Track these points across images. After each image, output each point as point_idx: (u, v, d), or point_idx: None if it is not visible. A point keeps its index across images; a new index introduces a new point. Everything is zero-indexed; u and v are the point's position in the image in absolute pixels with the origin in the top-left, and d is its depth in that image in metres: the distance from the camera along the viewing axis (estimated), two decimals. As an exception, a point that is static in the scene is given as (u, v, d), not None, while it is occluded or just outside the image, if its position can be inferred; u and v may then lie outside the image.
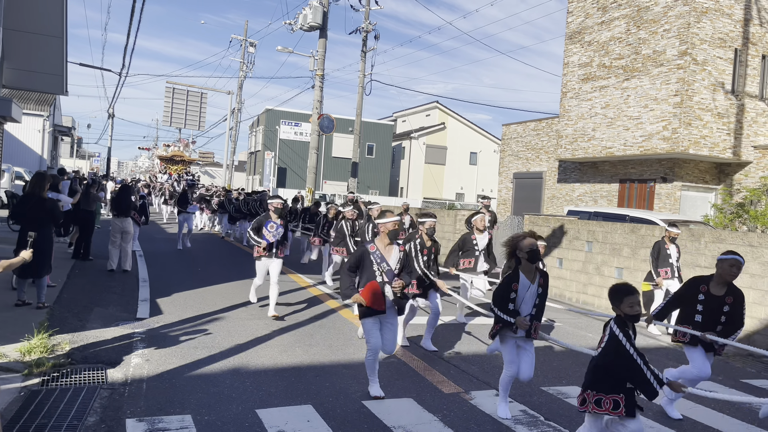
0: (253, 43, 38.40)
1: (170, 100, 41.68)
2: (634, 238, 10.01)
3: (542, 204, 20.95)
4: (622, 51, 16.51)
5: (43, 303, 7.04)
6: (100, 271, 10.31)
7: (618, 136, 16.50)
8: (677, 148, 14.75)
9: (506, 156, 23.29)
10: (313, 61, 22.53)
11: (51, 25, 10.98)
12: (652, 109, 15.47)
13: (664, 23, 15.25)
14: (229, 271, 11.41)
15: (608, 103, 16.90)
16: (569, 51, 18.45)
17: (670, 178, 16.14)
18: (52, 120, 32.56)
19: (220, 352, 5.98)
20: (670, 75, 15.02)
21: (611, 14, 16.91)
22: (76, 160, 69.31)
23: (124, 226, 10.36)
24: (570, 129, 18.25)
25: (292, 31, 22.21)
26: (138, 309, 7.60)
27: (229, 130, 39.11)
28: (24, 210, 7.04)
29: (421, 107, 46.89)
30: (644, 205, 16.77)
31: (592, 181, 18.82)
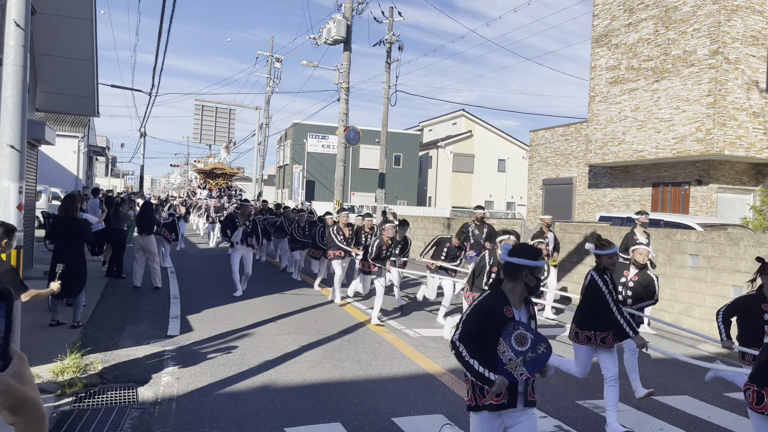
0: (279, 58, 38.87)
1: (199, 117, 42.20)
2: (669, 244, 9.74)
3: (573, 210, 20.61)
4: (650, 52, 16.20)
5: (78, 322, 7.14)
6: (132, 288, 10.44)
7: (649, 139, 16.16)
8: (712, 149, 14.37)
9: (535, 162, 23.01)
10: (338, 74, 22.65)
11: (82, 49, 11.26)
12: (684, 110, 15.12)
13: (694, 23, 14.93)
14: (258, 286, 11.45)
15: (638, 105, 16.58)
16: (596, 54, 18.19)
17: (705, 181, 15.72)
18: (87, 141, 33.38)
19: (248, 369, 5.97)
20: (701, 75, 14.67)
21: (638, 15, 16.63)
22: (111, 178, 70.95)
23: (145, 244, 10.49)
24: (599, 133, 17.95)
25: (316, 45, 22.39)
26: (169, 326, 7.66)
27: (257, 145, 39.55)
28: (58, 231, 7.18)
29: (447, 116, 46.78)
30: (679, 209, 16.36)
31: (624, 185, 18.45)
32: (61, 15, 10.58)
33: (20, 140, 4.81)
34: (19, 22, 4.82)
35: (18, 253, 4.79)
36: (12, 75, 4.79)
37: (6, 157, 4.73)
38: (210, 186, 37.92)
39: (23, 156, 4.87)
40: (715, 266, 8.74)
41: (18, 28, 4.82)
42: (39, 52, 11.04)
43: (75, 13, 10.63)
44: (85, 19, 10.90)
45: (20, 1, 4.86)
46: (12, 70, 4.79)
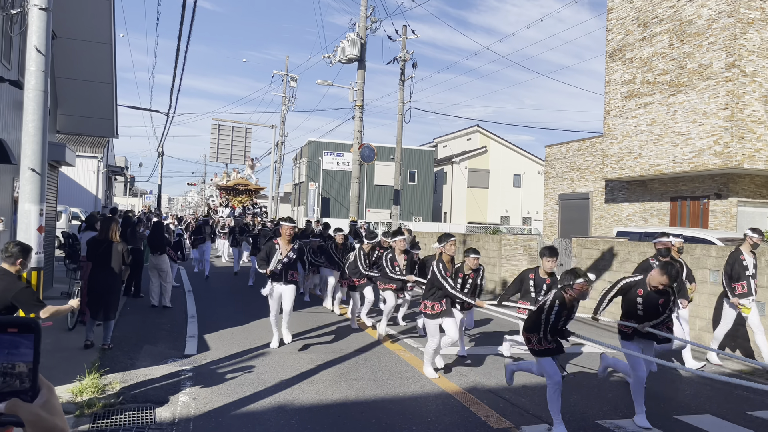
0: (294, 77, 39.30)
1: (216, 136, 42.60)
2: (689, 259, 9.60)
3: (590, 225, 20.45)
4: (665, 66, 16.13)
5: (109, 345, 7.18)
6: (149, 308, 10.51)
7: (666, 153, 16.03)
8: (730, 162, 14.21)
9: (550, 177, 22.91)
10: (353, 92, 22.82)
11: (101, 72, 11.49)
12: (701, 123, 14.99)
13: (709, 36, 14.85)
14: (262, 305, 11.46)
15: (654, 119, 16.48)
16: (610, 69, 18.15)
17: (724, 194, 15.53)
18: (106, 161, 33.88)
19: (265, 389, 5.96)
20: (718, 88, 14.56)
21: (652, 30, 16.59)
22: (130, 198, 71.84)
23: (157, 263, 10.59)
24: (615, 147, 17.84)
25: (331, 64, 22.60)
26: (186, 345, 7.69)
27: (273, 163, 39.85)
28: (95, 254, 7.24)
29: (461, 131, 46.85)
30: (698, 223, 16.16)
31: (641, 200, 18.29)
32: (81, 39, 10.82)
33: (41, 164, 4.90)
34: (39, 48, 4.93)
35: (38, 275, 4.85)
36: (33, 100, 4.89)
37: (27, 180, 4.81)
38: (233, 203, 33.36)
39: (44, 179, 4.95)
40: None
41: (39, 54, 4.93)
42: (59, 75, 11.27)
43: (95, 37, 10.86)
44: (104, 42, 11.14)
45: (41, 27, 4.97)
46: (33, 95, 4.89)
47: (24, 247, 4.33)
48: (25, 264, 4.41)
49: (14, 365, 0.98)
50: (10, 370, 0.98)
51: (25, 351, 0.99)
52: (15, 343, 0.99)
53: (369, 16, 22.04)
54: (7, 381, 0.98)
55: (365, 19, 21.81)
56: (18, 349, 0.99)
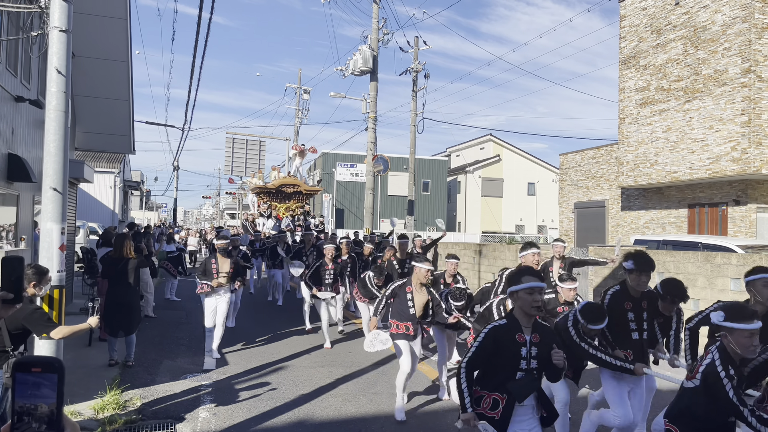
0: (307, 90, 39.64)
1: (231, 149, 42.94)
2: (709, 267, 9.49)
3: (606, 233, 20.28)
4: (680, 72, 16.02)
5: (132, 361, 7.20)
6: (168, 322, 10.57)
7: (683, 160, 15.89)
8: (749, 168, 14.05)
9: (565, 186, 22.79)
10: (365, 104, 22.91)
11: (118, 89, 11.64)
12: (718, 129, 14.85)
13: (724, 42, 14.75)
14: (291, 319, 11.47)
15: (669, 126, 16.36)
16: (624, 76, 18.06)
17: (743, 201, 15.34)
18: (123, 176, 34.30)
19: (284, 404, 5.95)
20: (734, 94, 14.43)
21: (666, 36, 16.50)
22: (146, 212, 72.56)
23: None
24: (631, 155, 17.72)
25: (344, 76, 22.74)
26: (204, 361, 7.71)
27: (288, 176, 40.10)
28: (111, 272, 7.28)
29: (474, 140, 46.81)
30: (717, 230, 15.96)
31: (658, 207, 18.12)
32: (98, 58, 10.98)
33: (62, 183, 4.96)
34: (60, 69, 5.01)
35: (60, 293, 4.90)
36: (54, 120, 4.97)
37: (49, 199, 4.87)
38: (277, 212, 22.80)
39: (65, 198, 5.01)
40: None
41: (59, 75, 5.01)
42: (77, 93, 11.44)
43: (111, 56, 11.01)
44: (121, 60, 11.29)
45: (61, 49, 5.05)
46: (54, 115, 4.97)
47: (40, 269, 4.33)
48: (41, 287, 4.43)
49: (37, 406, 0.98)
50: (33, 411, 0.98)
51: (48, 392, 0.99)
52: (38, 383, 0.99)
53: (381, 29, 22.17)
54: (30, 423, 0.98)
55: (377, 32, 21.94)
56: (41, 389, 0.99)
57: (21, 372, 1.00)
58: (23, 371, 1.01)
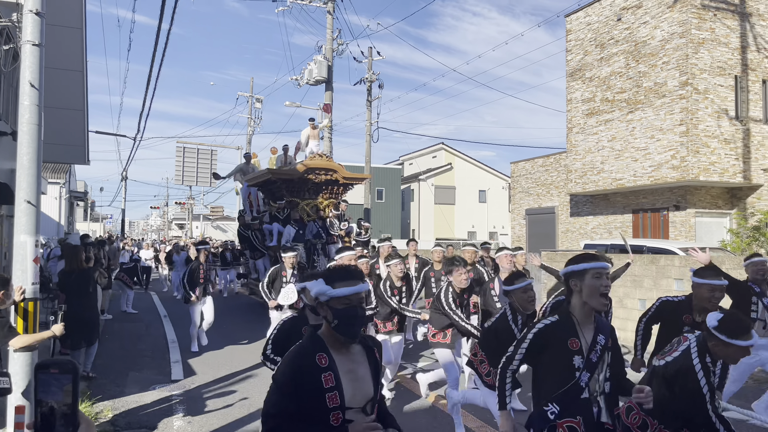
0: (260, 98, 39.42)
1: (181, 158, 42.28)
2: (654, 269, 10.07)
3: (557, 239, 21.01)
4: (623, 85, 16.86)
5: (89, 372, 7.14)
6: (129, 334, 10.46)
7: (627, 168, 16.70)
8: (687, 175, 14.90)
9: (517, 193, 23.49)
10: (321, 113, 23.08)
11: (73, 99, 11.47)
12: (659, 139, 15.70)
13: (663, 56, 15.62)
14: (254, 326, 11.50)
15: (614, 135, 17.16)
16: (571, 88, 18.84)
17: (682, 206, 16.24)
18: (68, 187, 33.29)
19: (258, 410, 6.03)
20: (673, 105, 15.30)
21: (609, 50, 17.34)
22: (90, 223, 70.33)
23: None
24: (579, 163, 18.48)
25: (299, 86, 22.82)
26: (172, 371, 7.71)
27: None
28: (67, 284, 7.20)
29: (427, 149, 47.50)
30: (659, 234, 16.82)
31: (605, 213, 18.93)
32: (53, 67, 10.79)
33: (36, 195, 4.97)
34: (33, 83, 5.05)
35: (35, 305, 4.90)
36: (27, 133, 4.99)
37: (23, 212, 4.88)
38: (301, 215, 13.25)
39: (39, 210, 5.02)
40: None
41: (33, 89, 5.04)
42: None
43: (67, 65, 10.86)
44: (76, 70, 11.15)
45: (34, 62, 5.09)
46: (27, 128, 4.99)
47: (2, 278, 4.35)
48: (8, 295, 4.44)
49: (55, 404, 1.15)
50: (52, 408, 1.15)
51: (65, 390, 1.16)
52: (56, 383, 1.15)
53: (335, 39, 22.40)
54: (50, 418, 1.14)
55: (332, 42, 22.15)
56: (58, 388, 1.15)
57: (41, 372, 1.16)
58: (43, 372, 1.17)
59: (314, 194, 13.32)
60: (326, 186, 13.28)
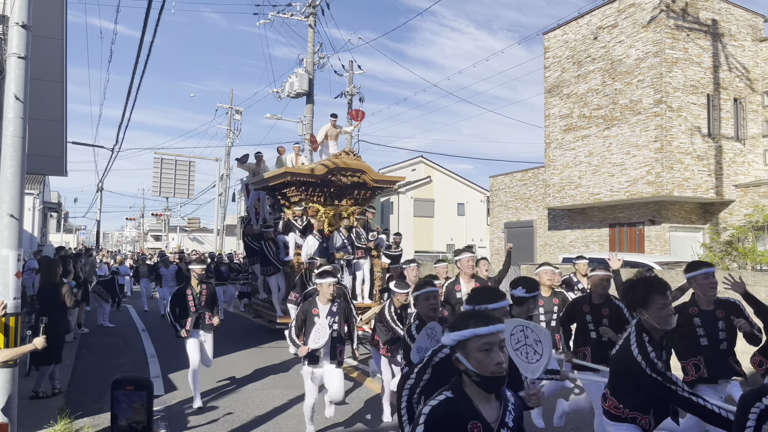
0: (239, 110, 39.41)
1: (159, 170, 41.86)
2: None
3: (535, 252, 21.24)
4: (600, 101, 17.20)
5: (59, 389, 7.03)
6: (106, 348, 10.31)
7: (604, 183, 16.99)
8: (662, 191, 15.22)
9: (496, 206, 23.72)
10: (302, 126, 23.12)
11: (52, 110, 11.35)
12: (635, 155, 16.03)
13: (638, 74, 15.99)
14: (235, 339, 11.42)
15: (591, 151, 17.47)
16: (549, 104, 19.16)
17: (657, 221, 16.56)
18: (42, 197, 32.73)
19: (241, 426, 6.03)
20: (648, 122, 15.65)
21: (586, 68, 17.70)
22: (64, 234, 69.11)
23: None
24: (556, 178, 18.76)
25: (279, 98, 22.87)
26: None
27: (218, 196, 39.50)
28: (41, 298, 7.11)
29: (406, 162, 47.73)
30: (635, 248, 17.11)
31: (582, 227, 19.21)
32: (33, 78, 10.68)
33: (19, 209, 4.93)
34: (18, 96, 5.02)
35: (16, 320, 4.84)
36: (11, 146, 4.95)
37: (5, 225, 4.83)
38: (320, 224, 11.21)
39: (22, 224, 4.98)
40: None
41: (18, 101, 5.01)
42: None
43: (47, 76, 10.75)
44: (56, 81, 11.05)
45: (19, 75, 5.07)
46: (11, 141, 4.95)
47: None
48: None
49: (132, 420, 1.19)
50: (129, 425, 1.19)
51: (140, 407, 1.20)
52: (131, 399, 1.19)
53: (316, 52, 22.52)
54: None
55: (313, 55, 22.26)
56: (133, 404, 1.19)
57: (117, 390, 1.20)
58: (119, 389, 1.20)
59: (337, 199, 11.75)
60: (352, 190, 11.68)
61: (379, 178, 11.92)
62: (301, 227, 11.08)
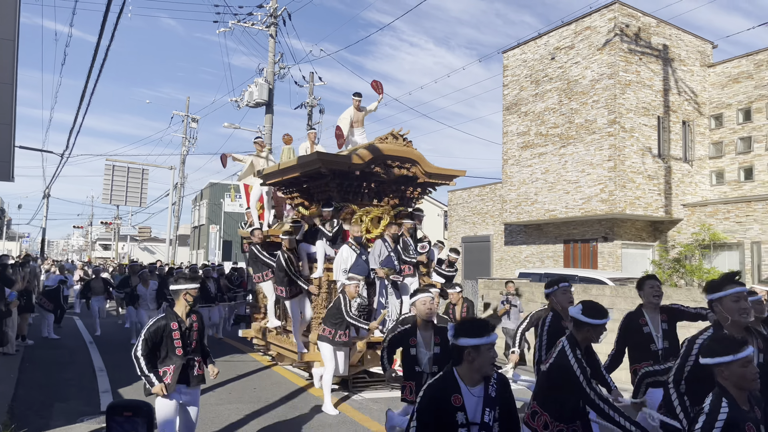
0: (196, 118, 38.73)
1: (110, 177, 40.62)
2: (586, 298, 10.44)
3: (491, 267, 21.50)
4: (556, 120, 17.62)
5: None
6: (52, 362, 9.87)
7: (559, 200, 17.37)
8: (615, 209, 15.65)
9: (454, 221, 23.94)
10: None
11: (1, 113, 10.89)
12: (589, 173, 16.45)
13: (593, 95, 16.47)
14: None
15: (548, 168, 17.85)
16: (507, 121, 19.52)
17: (610, 237, 17.00)
18: (-15, 202, 31.35)
19: (196, 442, 5.82)
20: (602, 142, 16.11)
21: (544, 87, 18.12)
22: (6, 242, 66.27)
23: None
24: (513, 194, 19.07)
25: (238, 108, 22.58)
26: (101, 401, 7.34)
27: (171, 205, 38.62)
28: None
29: (364, 175, 47.84)
30: (588, 263, 17.51)
31: (537, 242, 19.55)
32: (-20, 78, 10.25)
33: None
34: (-32, 96, 4.77)
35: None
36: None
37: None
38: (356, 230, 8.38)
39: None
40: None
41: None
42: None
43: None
44: (5, 83, 10.61)
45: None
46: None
47: None
48: None
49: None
50: None
51: None
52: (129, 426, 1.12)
53: (277, 62, 22.38)
54: None
55: (273, 65, 22.12)
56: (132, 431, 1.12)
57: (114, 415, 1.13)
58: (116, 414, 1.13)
59: (376, 197, 9.15)
60: (398, 185, 9.16)
61: (434, 171, 9.23)
62: (331, 234, 8.45)
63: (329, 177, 8.50)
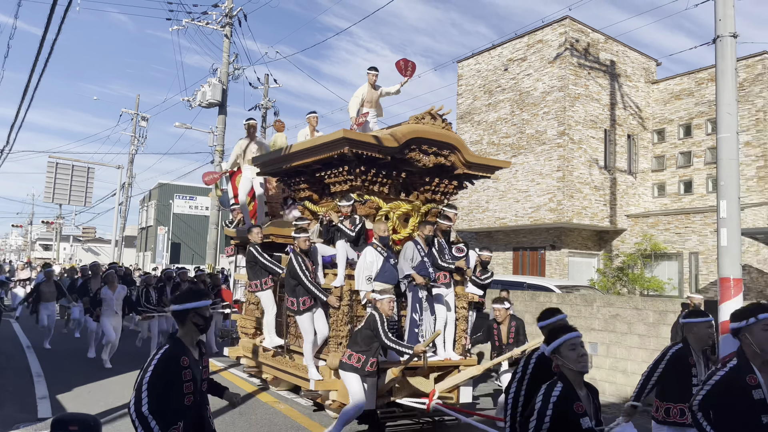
0: (146, 116, 37.77)
1: (53, 175, 39.16)
2: (534, 305, 10.69)
3: (442, 273, 21.72)
4: (508, 130, 17.99)
5: None
6: (-15, 367, 9.42)
7: (509, 208, 17.72)
8: (562, 218, 16.07)
9: (406, 227, 24.11)
10: (213, 136, 22.50)
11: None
12: (539, 183, 16.85)
13: (544, 107, 16.90)
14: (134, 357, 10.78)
15: (499, 177, 18.19)
16: (461, 129, 19.80)
17: (558, 246, 17.44)
18: None
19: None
20: (551, 152, 16.53)
21: (497, 97, 18.49)
22: (-64, 240, 62.95)
23: None
24: (465, 201, 19.34)
25: (190, 107, 22.16)
26: (38, 408, 7.04)
27: (118, 205, 37.52)
28: None
29: (318, 180, 47.67)
30: (537, 271, 17.91)
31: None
32: None
33: None
34: None
35: None
36: None
37: None
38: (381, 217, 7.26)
39: None
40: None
41: None
42: None
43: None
44: (-59, 72, 10.13)
45: None
46: None
47: None
48: None
49: None
50: None
51: None
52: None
53: (232, 63, 22.08)
54: None
55: (228, 66, 21.82)
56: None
57: (58, 429, 1.08)
58: (60, 429, 1.08)
59: (404, 190, 7.71)
60: (432, 176, 7.60)
61: (476, 161, 7.78)
62: (354, 233, 6.93)
63: (353, 163, 6.90)
